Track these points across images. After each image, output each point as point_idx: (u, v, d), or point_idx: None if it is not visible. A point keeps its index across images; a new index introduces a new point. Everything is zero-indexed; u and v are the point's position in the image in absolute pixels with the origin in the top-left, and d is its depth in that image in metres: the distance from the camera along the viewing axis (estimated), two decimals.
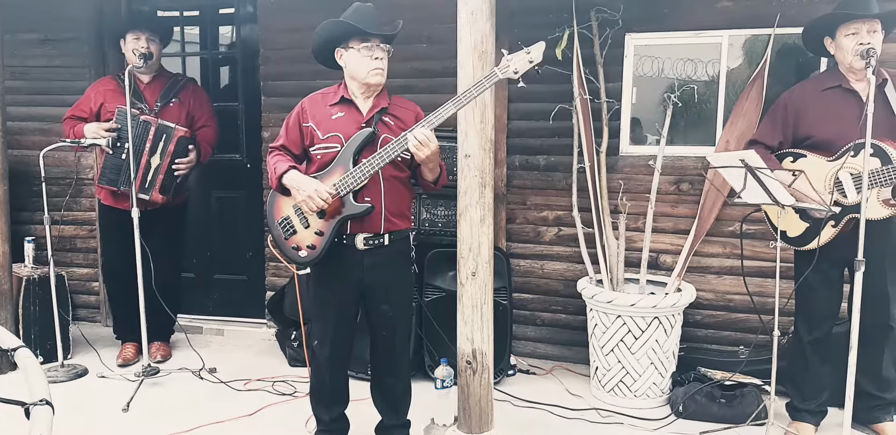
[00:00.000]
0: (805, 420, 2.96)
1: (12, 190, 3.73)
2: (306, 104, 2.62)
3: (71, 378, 3.62)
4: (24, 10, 4.29)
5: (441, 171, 2.56)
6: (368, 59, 2.48)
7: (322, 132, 2.54)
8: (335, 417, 2.76)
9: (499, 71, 2.35)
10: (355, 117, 2.55)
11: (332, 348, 2.65)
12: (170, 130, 3.60)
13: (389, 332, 2.68)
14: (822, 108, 2.76)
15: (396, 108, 2.60)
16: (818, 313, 2.88)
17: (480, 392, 2.69)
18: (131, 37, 3.66)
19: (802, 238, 2.82)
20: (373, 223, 2.52)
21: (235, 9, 4.39)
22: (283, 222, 2.60)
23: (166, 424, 3.07)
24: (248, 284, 4.51)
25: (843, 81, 2.75)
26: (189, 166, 3.69)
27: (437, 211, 3.72)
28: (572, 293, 3.67)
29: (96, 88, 3.77)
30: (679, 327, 3.34)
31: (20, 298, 3.79)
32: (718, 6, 3.47)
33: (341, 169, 2.47)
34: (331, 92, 2.62)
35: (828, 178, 2.71)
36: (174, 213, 3.87)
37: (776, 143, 2.86)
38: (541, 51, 2.34)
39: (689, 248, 3.55)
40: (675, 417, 3.16)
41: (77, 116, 3.73)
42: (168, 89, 3.78)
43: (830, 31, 2.76)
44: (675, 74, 3.62)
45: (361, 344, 2.85)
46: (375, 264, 2.57)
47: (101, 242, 4.00)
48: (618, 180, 3.66)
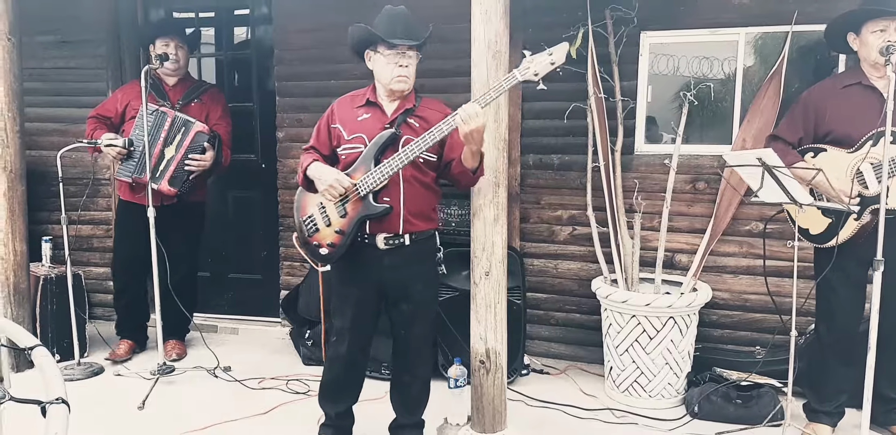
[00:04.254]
0: (822, 421, 2.93)
1: (30, 190, 3.77)
2: (336, 106, 2.65)
3: (87, 376, 3.66)
4: (42, 13, 4.33)
5: (481, 159, 2.50)
6: (393, 65, 2.48)
7: (347, 133, 2.56)
8: (341, 413, 2.79)
9: (518, 73, 2.32)
10: (380, 118, 2.56)
11: (349, 345, 2.67)
12: (189, 124, 3.63)
13: (407, 331, 2.68)
14: (841, 105, 2.73)
15: (424, 110, 2.59)
16: (839, 314, 2.84)
17: (494, 392, 2.69)
18: (161, 42, 3.73)
19: (826, 235, 2.77)
20: (391, 224, 2.52)
21: (250, 10, 4.41)
22: (307, 220, 2.63)
23: (181, 422, 3.09)
24: (262, 283, 4.53)
25: (862, 78, 2.73)
26: (201, 165, 3.64)
27: (450, 210, 3.72)
28: (587, 293, 3.65)
29: (124, 90, 3.86)
30: (694, 327, 3.32)
31: (37, 296, 3.83)
32: (735, 3, 3.44)
33: (363, 169, 2.49)
34: (360, 94, 2.64)
35: (849, 170, 2.68)
36: (191, 211, 3.88)
37: (796, 139, 2.84)
38: (564, 52, 2.29)
39: (704, 247, 3.52)
40: (690, 418, 3.14)
41: (102, 115, 3.79)
42: (191, 91, 3.83)
43: (856, 27, 2.73)
44: (690, 72, 3.59)
45: (375, 343, 2.85)
46: (396, 264, 2.58)
47: (115, 238, 4.01)
48: (633, 179, 3.64)
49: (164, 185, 3.58)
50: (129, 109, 3.72)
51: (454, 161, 2.52)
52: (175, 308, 3.71)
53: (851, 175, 2.67)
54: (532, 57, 2.31)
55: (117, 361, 3.84)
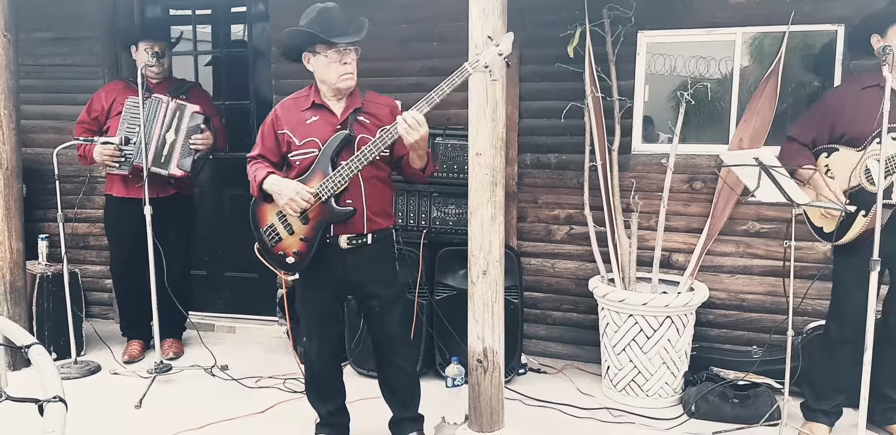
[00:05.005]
0: (819, 420, 2.94)
1: (26, 188, 3.76)
2: (279, 111, 2.60)
3: (84, 375, 3.65)
4: (39, 9, 4.32)
5: (428, 159, 2.53)
6: (337, 64, 2.45)
7: (298, 138, 2.53)
8: (332, 411, 2.80)
9: (469, 65, 2.32)
10: (329, 120, 2.53)
11: (319, 345, 2.69)
12: (183, 107, 3.65)
13: (380, 326, 2.69)
14: (858, 107, 2.74)
15: (370, 105, 2.58)
16: (851, 312, 2.81)
17: (491, 391, 2.69)
18: (145, 45, 3.74)
19: (838, 233, 2.77)
20: (355, 224, 2.52)
21: (247, 7, 4.40)
22: (267, 230, 2.61)
23: (178, 420, 3.08)
24: (259, 281, 4.52)
25: (881, 81, 2.71)
26: (206, 143, 3.69)
27: (447, 209, 3.72)
28: (584, 292, 3.65)
29: (107, 89, 3.86)
30: (691, 327, 3.32)
31: (34, 295, 3.82)
32: (732, 3, 3.44)
33: (320, 173, 2.47)
34: (302, 96, 2.60)
35: (859, 167, 2.70)
36: (181, 206, 3.89)
37: (810, 140, 2.87)
38: (510, 42, 2.31)
39: (701, 246, 3.53)
40: (687, 417, 3.15)
41: (90, 118, 3.77)
42: (176, 88, 3.84)
43: (881, 29, 2.72)
44: (687, 72, 3.59)
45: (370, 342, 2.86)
46: (358, 263, 2.58)
47: (109, 239, 4.00)
48: (630, 179, 3.64)
49: (174, 168, 3.61)
50: (116, 105, 3.72)
51: (404, 161, 2.52)
52: (172, 306, 3.71)
53: (861, 171, 2.68)
54: (478, 49, 2.34)
55: (133, 361, 3.85)
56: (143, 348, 3.95)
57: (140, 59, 3.74)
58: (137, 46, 3.78)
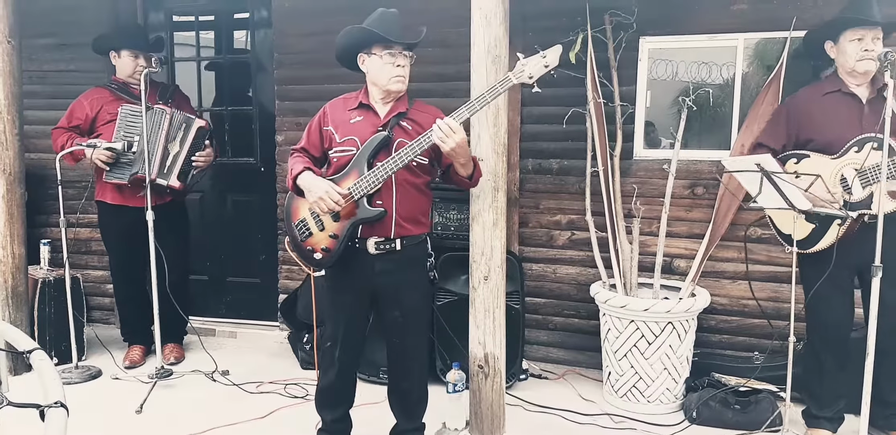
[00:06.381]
0: (822, 427, 2.93)
1: (29, 193, 3.76)
2: (328, 108, 2.64)
3: (85, 380, 3.65)
4: (42, 15, 4.33)
5: (475, 166, 2.53)
6: (391, 66, 2.48)
7: (340, 135, 2.55)
8: (337, 418, 2.78)
9: (513, 76, 2.33)
10: (373, 121, 2.55)
11: (342, 350, 2.66)
12: (190, 121, 3.66)
13: (400, 338, 2.66)
14: (823, 113, 2.76)
15: (416, 113, 2.58)
16: (830, 320, 2.84)
17: (492, 396, 2.69)
18: (128, 53, 3.74)
19: (809, 240, 2.78)
20: (384, 227, 2.52)
21: (250, 13, 4.41)
22: (299, 224, 2.62)
23: (179, 425, 3.08)
24: (260, 286, 4.52)
25: (842, 86, 2.76)
26: (207, 160, 3.73)
27: (449, 214, 3.72)
28: (585, 298, 3.65)
29: (88, 97, 3.76)
30: (693, 332, 3.32)
31: (35, 300, 3.82)
32: (734, 9, 3.45)
33: (356, 172, 2.48)
34: (352, 97, 2.63)
35: (833, 176, 2.70)
36: (175, 211, 3.87)
37: (780, 146, 2.87)
38: (557, 54, 2.30)
39: (703, 252, 3.53)
40: (688, 423, 3.14)
41: (70, 126, 3.72)
42: (162, 92, 3.83)
43: (834, 36, 2.76)
44: (689, 78, 3.60)
45: (372, 347, 2.85)
46: (387, 269, 2.56)
47: (107, 246, 3.95)
48: (632, 184, 3.64)
49: (173, 180, 3.61)
50: (104, 114, 3.68)
51: (452, 170, 2.52)
52: (172, 311, 3.71)
53: (836, 180, 2.68)
54: (526, 59, 2.32)
55: (134, 366, 3.84)
56: (144, 353, 3.96)
57: (123, 64, 3.74)
58: (120, 54, 3.76)
